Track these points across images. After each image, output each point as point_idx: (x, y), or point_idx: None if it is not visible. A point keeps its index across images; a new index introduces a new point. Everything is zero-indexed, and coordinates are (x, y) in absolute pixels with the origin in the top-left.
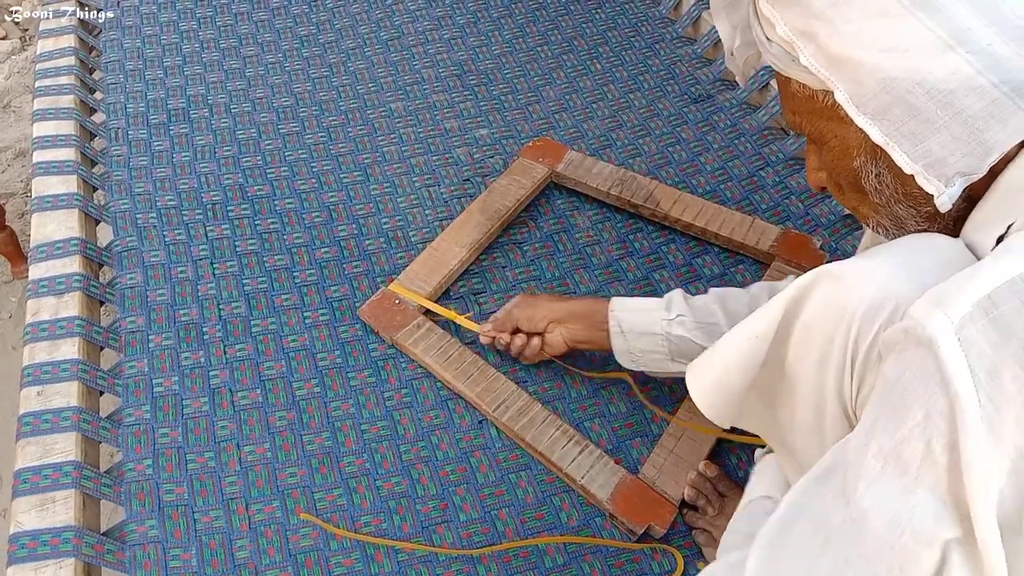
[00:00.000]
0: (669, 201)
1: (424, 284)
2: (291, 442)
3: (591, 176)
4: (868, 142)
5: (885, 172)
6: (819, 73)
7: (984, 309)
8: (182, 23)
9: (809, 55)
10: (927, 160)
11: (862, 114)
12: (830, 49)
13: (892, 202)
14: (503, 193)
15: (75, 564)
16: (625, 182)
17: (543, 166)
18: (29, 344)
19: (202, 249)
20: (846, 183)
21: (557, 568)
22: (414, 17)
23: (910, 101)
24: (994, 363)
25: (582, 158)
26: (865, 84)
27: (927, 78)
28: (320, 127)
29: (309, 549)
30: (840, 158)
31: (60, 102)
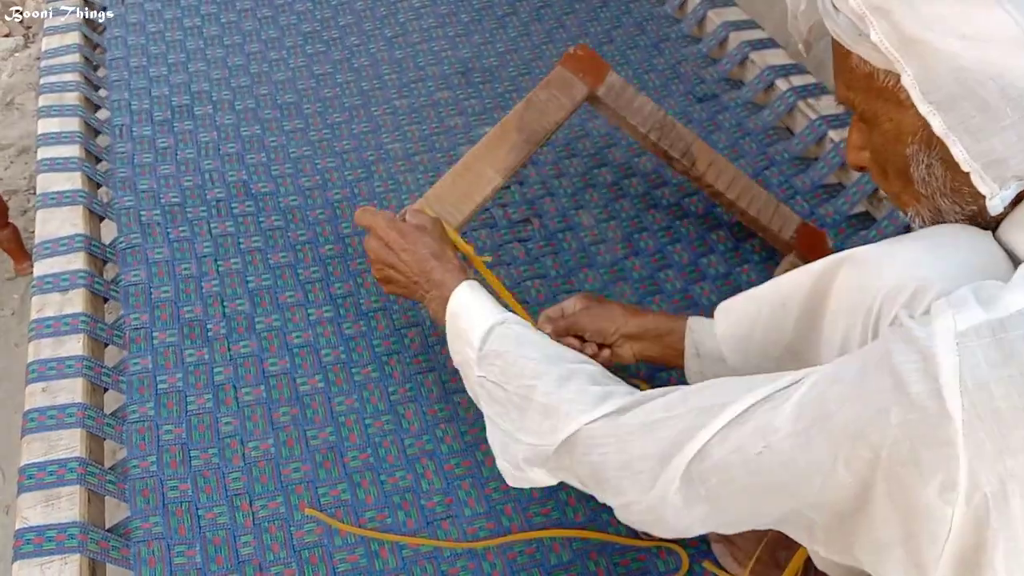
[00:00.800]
0: (705, 162)
1: (454, 211)
2: (295, 437)
3: (631, 111)
4: (925, 131)
5: (937, 164)
6: (888, 52)
7: (993, 329)
8: (186, 20)
9: (881, 32)
10: (987, 159)
11: (927, 102)
12: (904, 29)
13: (938, 195)
14: (542, 110)
15: (80, 560)
16: (665, 128)
17: (583, 83)
18: (34, 340)
19: (206, 246)
20: (892, 168)
21: (562, 565)
22: (418, 14)
23: (981, 95)
24: (987, 378)
25: (623, 85)
26: (936, 71)
27: (1004, 73)
28: (324, 124)
29: (313, 545)
30: (892, 142)
31: (65, 99)
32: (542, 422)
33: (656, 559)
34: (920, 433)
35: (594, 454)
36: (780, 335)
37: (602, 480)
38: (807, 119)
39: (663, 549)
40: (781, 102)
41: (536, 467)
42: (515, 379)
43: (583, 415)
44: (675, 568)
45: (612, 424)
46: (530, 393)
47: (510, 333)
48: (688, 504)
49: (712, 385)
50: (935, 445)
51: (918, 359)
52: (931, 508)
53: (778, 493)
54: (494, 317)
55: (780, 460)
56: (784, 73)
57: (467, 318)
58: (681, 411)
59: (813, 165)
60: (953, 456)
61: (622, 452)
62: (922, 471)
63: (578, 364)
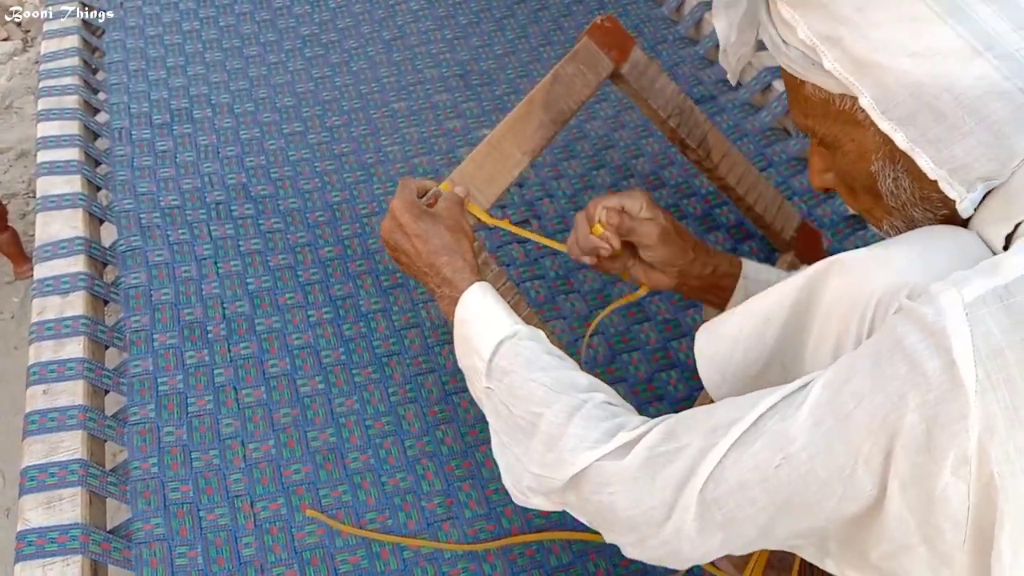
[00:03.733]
0: (719, 153)
1: (482, 194)
2: (296, 439)
3: (652, 92)
4: (887, 146)
5: (903, 176)
6: (843, 78)
7: (999, 295)
8: (185, 24)
9: (833, 60)
10: (951, 165)
11: (887, 119)
12: (856, 54)
13: (908, 205)
14: (568, 86)
15: (82, 561)
16: (684, 114)
17: (608, 59)
18: (35, 343)
19: (206, 248)
20: (860, 186)
21: (562, 566)
22: (417, 17)
23: (937, 107)
24: (1000, 344)
25: (647, 63)
26: (891, 89)
27: (955, 84)
28: (323, 127)
29: (315, 546)
30: (856, 162)
31: (64, 102)
32: (546, 453)
33: None
34: (935, 413)
35: (603, 494)
36: (760, 352)
37: (611, 520)
38: None
39: None
40: (778, 103)
41: (539, 495)
42: (522, 403)
43: (590, 452)
44: (674, 569)
45: (620, 463)
46: (537, 421)
47: (520, 350)
48: (703, 533)
49: (716, 406)
50: (950, 422)
51: (929, 337)
52: (948, 490)
53: (796, 510)
54: (505, 330)
55: (799, 473)
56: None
57: (476, 326)
58: (688, 436)
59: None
60: (964, 430)
61: (632, 490)
62: (935, 456)
63: (588, 393)
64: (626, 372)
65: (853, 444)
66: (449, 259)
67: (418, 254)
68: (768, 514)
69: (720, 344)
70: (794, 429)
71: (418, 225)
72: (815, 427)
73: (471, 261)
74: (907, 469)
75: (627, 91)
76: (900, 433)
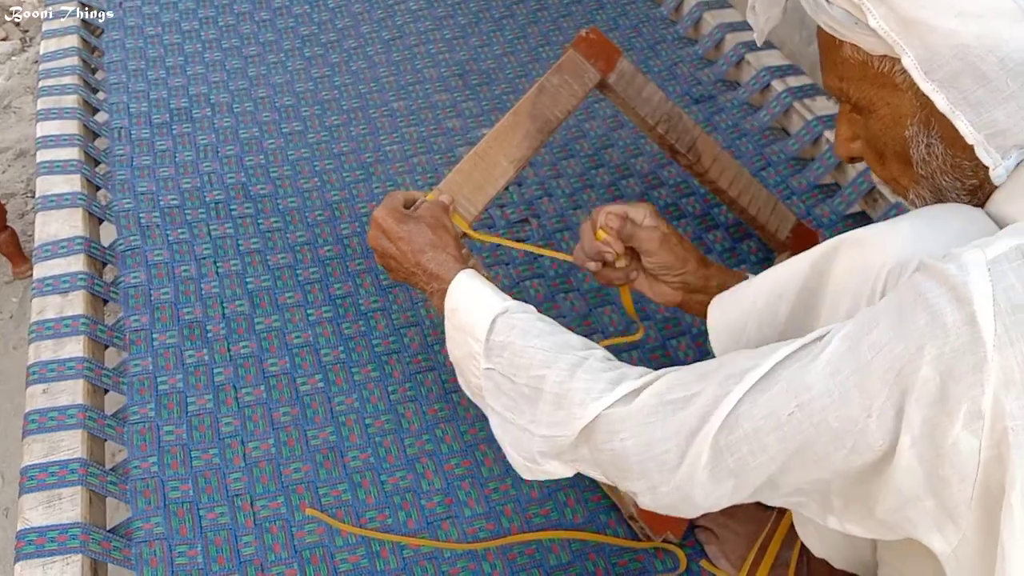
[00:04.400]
0: (709, 157)
1: (469, 204)
2: (295, 437)
3: (640, 100)
4: (923, 111)
5: (936, 142)
6: (887, 37)
7: (1022, 251)
8: (184, 23)
9: (879, 17)
10: (990, 130)
11: (929, 80)
12: (902, 12)
13: (938, 173)
14: (554, 96)
15: (82, 560)
16: (672, 120)
17: (595, 70)
18: (34, 342)
19: (205, 248)
20: (891, 152)
21: (561, 566)
22: (416, 17)
23: (981, 69)
24: (1021, 299)
25: (634, 72)
26: (936, 49)
27: (1000, 46)
28: (322, 126)
29: (315, 545)
30: (890, 127)
31: (63, 102)
32: (555, 412)
33: (654, 559)
34: (951, 365)
35: (614, 441)
36: (772, 328)
37: (624, 468)
38: (803, 120)
39: (661, 550)
40: (777, 103)
41: (552, 459)
42: (524, 370)
43: (598, 402)
44: (673, 568)
45: (629, 408)
46: (540, 384)
47: (515, 323)
48: (715, 478)
49: (731, 356)
50: (964, 375)
51: (950, 291)
52: (959, 444)
53: (807, 459)
54: (497, 307)
55: (812, 421)
56: (780, 74)
57: (468, 310)
58: (700, 384)
59: (809, 165)
60: (979, 383)
61: (643, 435)
62: (949, 409)
63: (586, 350)
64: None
65: (868, 395)
66: (434, 254)
67: (404, 255)
68: (778, 462)
69: (733, 318)
70: (810, 377)
71: (400, 228)
72: (832, 376)
73: (455, 254)
74: (919, 422)
75: (615, 100)
76: (913, 388)
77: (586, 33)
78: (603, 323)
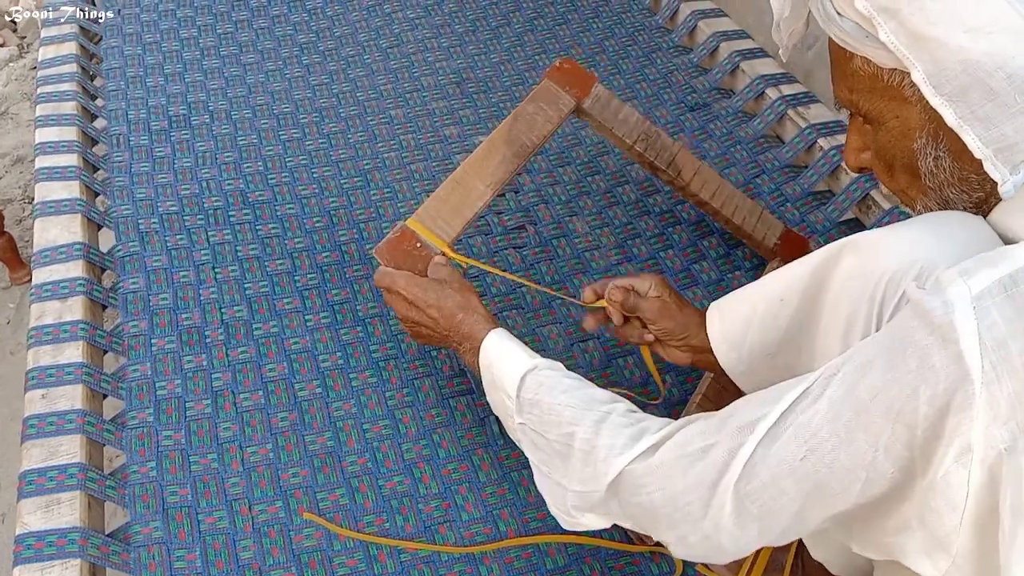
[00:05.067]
0: (690, 171)
1: (447, 226)
2: (293, 442)
3: (617, 122)
4: (931, 124)
5: (944, 155)
6: (897, 51)
7: (1004, 285)
8: (182, 30)
9: (889, 32)
10: (998, 145)
11: (938, 95)
12: (912, 26)
13: (945, 185)
14: (529, 123)
15: (81, 565)
16: (650, 138)
17: (570, 96)
18: (33, 348)
19: (203, 254)
20: (899, 164)
21: (558, 569)
22: (413, 25)
23: (989, 84)
24: (1004, 335)
25: (609, 96)
26: (945, 64)
27: (1009, 62)
28: (320, 133)
29: (312, 549)
30: (899, 139)
31: (62, 108)
32: (583, 469)
33: (650, 563)
34: (945, 403)
35: (640, 495)
36: (775, 332)
37: (654, 519)
38: (797, 127)
39: (656, 554)
40: (771, 111)
41: (587, 512)
42: (554, 427)
43: (620, 458)
44: (669, 572)
45: (650, 462)
46: (570, 440)
47: (543, 379)
48: (741, 525)
49: (740, 404)
50: (956, 411)
51: (937, 331)
52: (949, 476)
53: (826, 496)
54: (525, 365)
55: (824, 462)
56: (774, 82)
57: (499, 368)
58: (715, 435)
59: (803, 173)
60: (969, 419)
61: (667, 488)
62: (943, 444)
63: (610, 404)
64: (620, 376)
65: (872, 433)
66: (465, 316)
67: (436, 322)
68: (799, 503)
69: (733, 327)
70: (816, 422)
71: (429, 296)
72: (835, 420)
73: (484, 313)
74: (923, 456)
75: (592, 123)
76: (918, 425)
77: (560, 63)
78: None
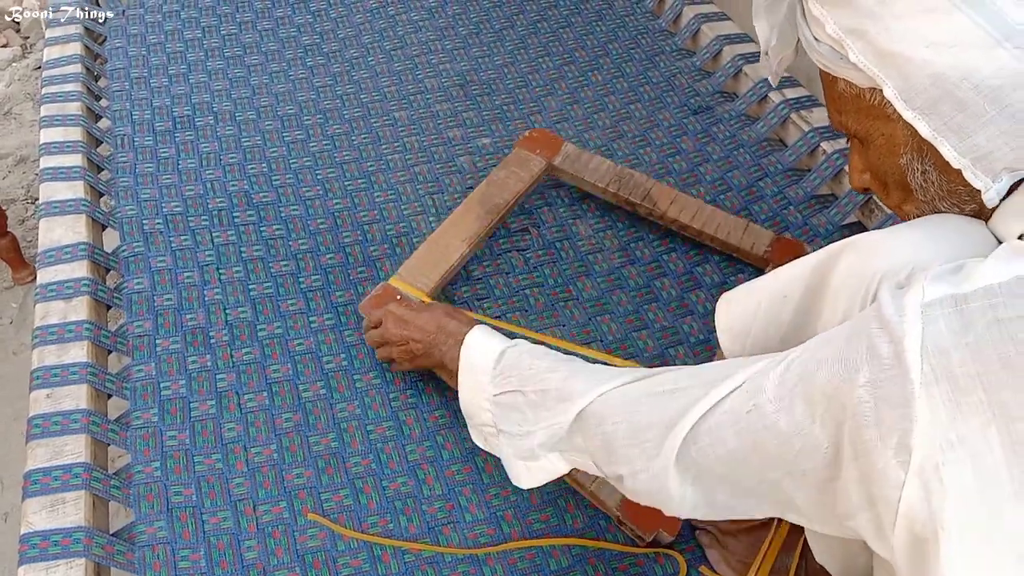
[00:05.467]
0: (666, 201)
1: (426, 279)
2: (297, 443)
3: (588, 171)
4: (915, 139)
5: (931, 169)
6: (868, 70)
7: (956, 300)
8: (187, 32)
9: (858, 52)
10: (974, 154)
11: (910, 109)
12: (879, 45)
13: (937, 199)
14: (501, 186)
15: (86, 564)
16: (623, 179)
17: (540, 158)
18: (38, 347)
19: (208, 255)
20: (892, 181)
21: (562, 571)
22: (417, 28)
23: (958, 96)
24: (946, 344)
25: (578, 152)
26: (913, 79)
27: (974, 73)
28: (324, 135)
29: (317, 550)
30: (886, 156)
31: (67, 108)
32: (556, 405)
33: (654, 564)
34: (883, 393)
35: (606, 424)
36: (777, 328)
37: (612, 451)
38: (800, 131)
39: (661, 554)
40: (774, 114)
41: (550, 452)
42: (532, 381)
43: (596, 388)
44: (673, 573)
45: (622, 393)
46: (547, 385)
47: (524, 349)
48: (681, 469)
49: (721, 363)
50: (895, 405)
51: (886, 327)
52: (887, 470)
53: (761, 456)
54: (506, 343)
55: (764, 423)
56: (778, 86)
57: (479, 348)
58: (688, 383)
59: (806, 176)
60: (908, 417)
61: (631, 421)
62: (882, 433)
63: (593, 364)
64: None
65: (811, 404)
66: (452, 318)
67: (424, 325)
68: (735, 457)
69: (738, 322)
70: (767, 382)
71: (419, 309)
72: (782, 383)
73: (472, 319)
74: (857, 440)
75: (565, 177)
76: (849, 405)
77: (529, 133)
78: (600, 330)
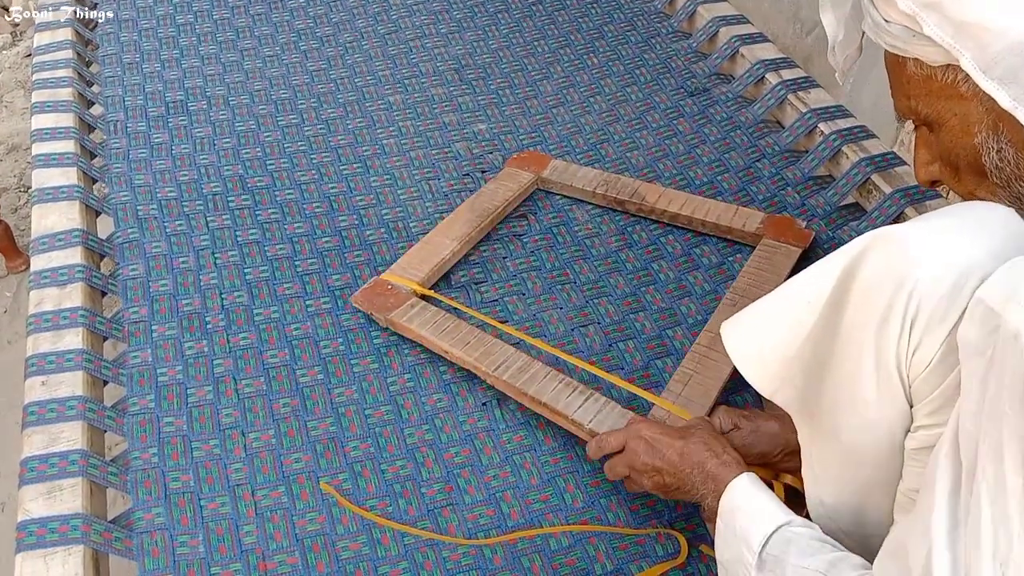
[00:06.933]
0: (654, 195)
1: (416, 272)
2: (295, 428)
3: (576, 179)
4: (990, 116)
5: (1007, 147)
6: (943, 42)
7: None
8: (179, 16)
9: (933, 24)
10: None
11: (988, 78)
12: (955, 15)
13: (1013, 179)
14: (491, 195)
15: (84, 551)
16: (610, 182)
17: (529, 172)
18: (33, 334)
19: (203, 239)
20: (964, 165)
21: (562, 550)
22: (411, 11)
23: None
24: None
25: (566, 165)
26: (991, 48)
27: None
28: (319, 119)
29: (316, 533)
30: (960, 136)
31: (58, 95)
32: None
33: (655, 543)
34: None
35: None
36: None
37: None
38: (797, 112)
39: (662, 534)
40: (772, 95)
41: None
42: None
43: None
44: (674, 552)
45: None
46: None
47: (792, 538)
48: None
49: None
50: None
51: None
52: None
53: None
54: (775, 520)
55: None
56: (774, 67)
57: (745, 516)
58: None
59: (803, 157)
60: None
61: None
62: None
63: (860, 571)
64: (621, 361)
65: None
66: (711, 456)
67: (681, 459)
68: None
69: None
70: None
71: (672, 434)
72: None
73: (736, 456)
74: None
75: (555, 187)
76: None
77: (518, 155)
78: (599, 313)
